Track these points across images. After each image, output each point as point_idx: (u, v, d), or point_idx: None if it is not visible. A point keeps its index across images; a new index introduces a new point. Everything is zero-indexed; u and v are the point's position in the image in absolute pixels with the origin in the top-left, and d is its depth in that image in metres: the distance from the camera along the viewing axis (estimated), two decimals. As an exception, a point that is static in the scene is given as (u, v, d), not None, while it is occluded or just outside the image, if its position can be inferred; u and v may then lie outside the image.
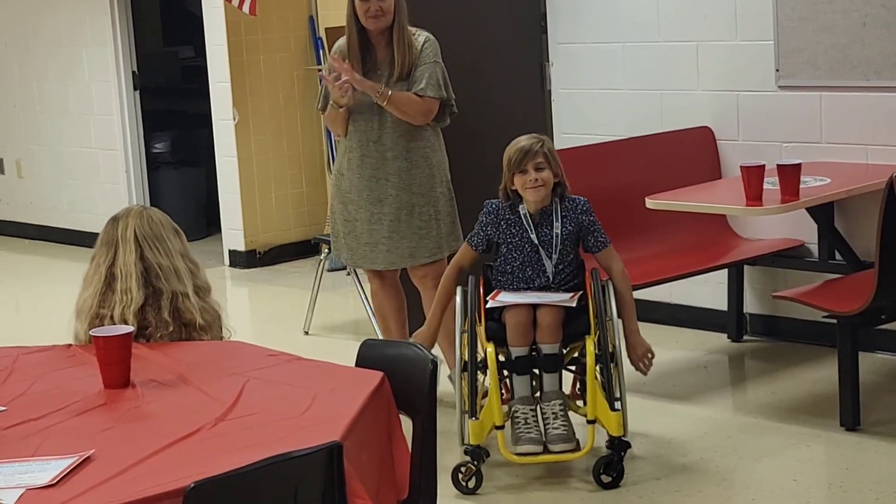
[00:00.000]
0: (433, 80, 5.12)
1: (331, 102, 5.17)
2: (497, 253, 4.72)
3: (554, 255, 4.63)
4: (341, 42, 5.22)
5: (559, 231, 4.63)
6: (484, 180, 5.05)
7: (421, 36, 5.19)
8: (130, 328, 3.25)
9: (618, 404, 4.47)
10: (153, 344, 3.47)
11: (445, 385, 4.98)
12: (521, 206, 4.66)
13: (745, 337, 6.04)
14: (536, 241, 4.64)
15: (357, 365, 3.25)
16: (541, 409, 4.55)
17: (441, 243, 5.25)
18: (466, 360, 4.56)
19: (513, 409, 4.56)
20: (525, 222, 4.65)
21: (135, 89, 9.04)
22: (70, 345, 3.52)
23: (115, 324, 3.43)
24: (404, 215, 5.20)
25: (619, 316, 4.56)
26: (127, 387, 3.13)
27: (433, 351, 4.35)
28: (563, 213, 4.65)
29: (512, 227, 4.66)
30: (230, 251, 8.46)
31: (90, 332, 3.28)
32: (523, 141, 4.67)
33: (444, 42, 5.33)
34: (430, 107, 5.15)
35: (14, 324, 7.49)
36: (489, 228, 4.69)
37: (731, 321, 6.02)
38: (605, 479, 4.46)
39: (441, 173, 5.27)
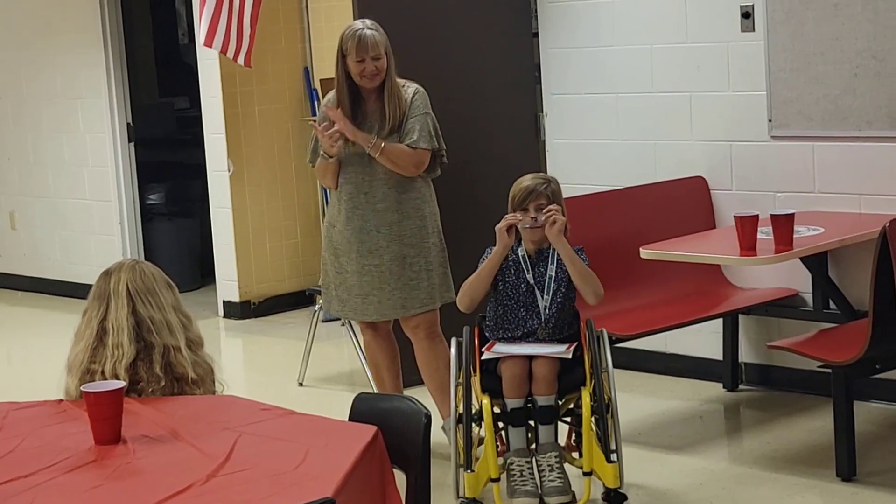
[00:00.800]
0: (424, 131, 5.12)
1: (321, 153, 5.16)
2: (492, 293, 4.71)
3: (547, 296, 4.63)
4: (331, 97, 5.22)
5: (553, 273, 4.63)
6: (478, 231, 5.05)
7: (410, 88, 5.19)
8: (122, 383, 3.23)
9: (614, 456, 4.44)
10: (145, 399, 3.45)
11: (439, 436, 4.95)
12: (519, 249, 4.67)
13: (741, 386, 6.01)
14: (532, 282, 4.64)
15: (351, 418, 3.23)
16: (536, 461, 4.53)
17: (433, 294, 5.23)
18: (461, 412, 4.54)
19: (508, 461, 4.53)
20: (523, 263, 4.66)
21: (129, 141, 9.05)
22: (61, 400, 3.50)
23: (106, 379, 3.41)
24: (395, 267, 5.18)
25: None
26: (118, 443, 3.11)
27: (426, 401, 4.32)
28: (560, 259, 4.65)
29: (511, 266, 4.67)
30: (224, 302, 8.44)
31: (81, 388, 3.25)
32: (528, 180, 4.69)
33: (437, 94, 5.34)
34: (422, 158, 5.15)
35: (6, 377, 7.45)
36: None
37: (727, 371, 5.99)
38: (601, 531, 4.43)
39: (433, 224, 5.26)
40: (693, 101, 6.05)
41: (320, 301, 6.49)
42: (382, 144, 5.08)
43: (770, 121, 5.79)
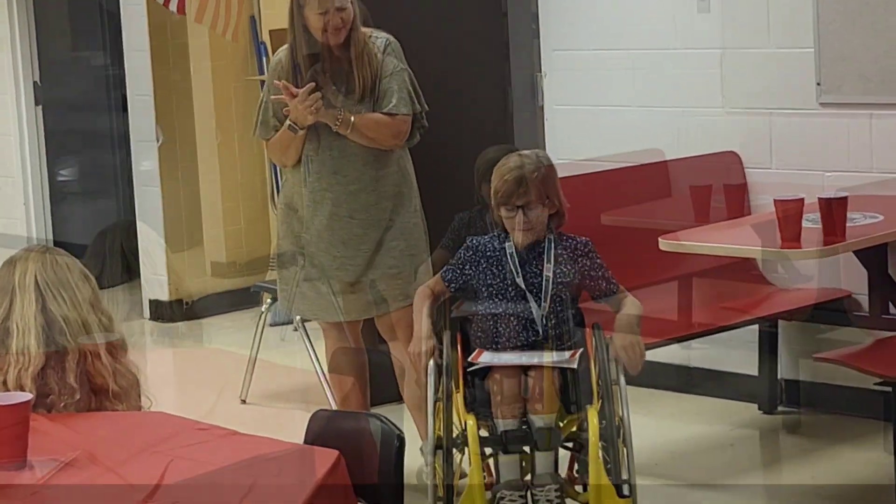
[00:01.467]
0: (403, 91, 5.10)
1: (288, 123, 5.10)
2: (475, 300, 4.69)
3: (544, 304, 4.60)
4: (282, 57, 5.17)
5: (550, 275, 4.60)
6: (457, 211, 5.06)
7: (379, 39, 5.16)
8: (28, 395, 3.24)
9: (626, 489, 4.44)
10: (55, 415, 3.44)
11: (417, 459, 4.94)
12: (507, 243, 4.63)
13: (780, 408, 6.03)
14: (523, 286, 4.61)
15: (306, 441, 3.23)
16: (532, 495, 4.52)
17: (417, 285, 5.21)
18: (441, 435, 4.53)
19: (498, 495, 4.52)
20: (511, 262, 4.63)
21: (36, 104, 9.03)
22: (-47, 416, 3.48)
23: (9, 390, 3.41)
24: (374, 255, 5.17)
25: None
26: (23, 468, 3.10)
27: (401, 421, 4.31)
28: (558, 255, 4.63)
29: (493, 266, 4.63)
30: (151, 301, 8.44)
31: (-22, 401, 3.25)
32: (514, 166, 4.60)
33: (411, 49, 5.30)
34: (402, 127, 5.12)
35: None
36: (467, 267, 4.65)
37: (763, 389, 6.01)
38: (611, 581, 4.43)
39: (414, 203, 5.26)
40: (725, 60, 6.06)
41: (268, 300, 6.50)
42: (352, 119, 5.05)
43: (819, 84, 5.80)
